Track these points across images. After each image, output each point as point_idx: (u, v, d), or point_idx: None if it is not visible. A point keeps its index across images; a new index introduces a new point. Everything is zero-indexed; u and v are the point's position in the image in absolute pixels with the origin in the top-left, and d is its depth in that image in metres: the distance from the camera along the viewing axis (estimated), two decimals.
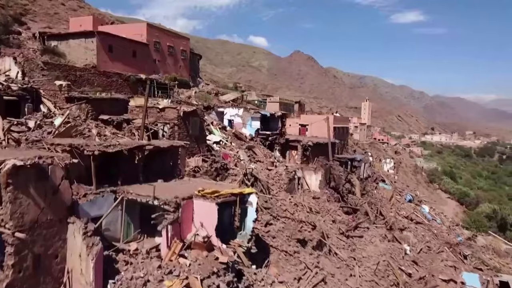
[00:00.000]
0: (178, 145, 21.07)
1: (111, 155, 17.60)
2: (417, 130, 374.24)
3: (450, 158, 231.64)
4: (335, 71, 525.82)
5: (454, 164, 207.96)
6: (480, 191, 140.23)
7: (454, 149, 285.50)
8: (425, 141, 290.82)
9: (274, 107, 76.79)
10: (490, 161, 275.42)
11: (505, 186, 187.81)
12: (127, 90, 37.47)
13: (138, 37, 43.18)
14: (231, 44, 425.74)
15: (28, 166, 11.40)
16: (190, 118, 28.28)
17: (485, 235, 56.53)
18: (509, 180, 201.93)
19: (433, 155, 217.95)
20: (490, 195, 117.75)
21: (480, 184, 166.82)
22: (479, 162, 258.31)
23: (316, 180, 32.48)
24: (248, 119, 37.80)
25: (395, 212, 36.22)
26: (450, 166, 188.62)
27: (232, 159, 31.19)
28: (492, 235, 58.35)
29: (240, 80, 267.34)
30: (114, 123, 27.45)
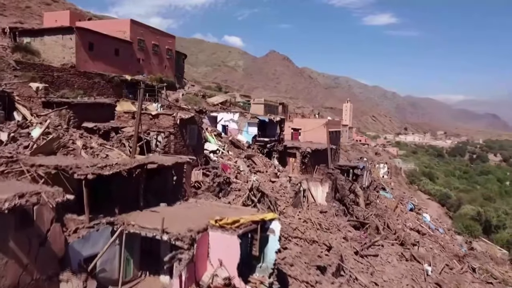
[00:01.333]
0: (183, 161, 17.86)
1: (106, 176, 14.28)
2: (391, 130, 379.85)
3: (424, 158, 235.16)
4: (310, 71, 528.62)
5: (429, 164, 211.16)
6: (458, 191, 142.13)
7: (428, 149, 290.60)
8: (399, 141, 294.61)
9: (259, 109, 74.01)
10: (461, 160, 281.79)
11: (477, 185, 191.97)
12: (110, 92, 33.79)
13: (121, 34, 39.41)
14: (206, 43, 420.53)
15: (6, 212, 8.10)
16: (187, 126, 25.03)
17: (477, 240, 55.53)
18: (480, 179, 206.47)
19: (409, 155, 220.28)
20: (470, 196, 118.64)
21: (455, 184, 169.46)
22: (451, 162, 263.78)
23: (322, 193, 29.79)
24: (245, 125, 34.79)
25: (402, 224, 34.03)
26: (426, 166, 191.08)
27: (231, 170, 28.13)
28: (484, 240, 57.54)
29: (216, 80, 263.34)
30: (101, 132, 23.89)
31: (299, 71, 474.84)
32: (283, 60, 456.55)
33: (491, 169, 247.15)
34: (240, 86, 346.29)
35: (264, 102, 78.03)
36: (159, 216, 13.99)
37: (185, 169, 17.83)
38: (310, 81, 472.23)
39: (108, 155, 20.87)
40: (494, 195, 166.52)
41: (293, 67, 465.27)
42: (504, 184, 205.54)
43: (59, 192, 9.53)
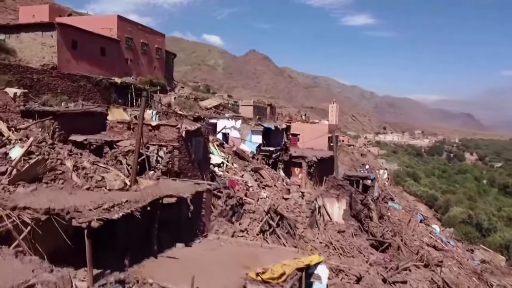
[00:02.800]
0: (203, 189, 14.54)
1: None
2: (370, 129, 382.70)
3: (404, 158, 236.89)
4: (290, 71, 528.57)
5: (409, 164, 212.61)
6: (441, 191, 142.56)
7: (407, 149, 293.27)
8: (379, 140, 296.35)
9: (248, 111, 70.86)
10: (439, 159, 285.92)
11: (456, 184, 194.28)
12: (97, 97, 29.95)
13: (107, 31, 35.51)
14: (185, 42, 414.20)
15: None
16: (192, 138, 21.61)
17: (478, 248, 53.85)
18: (459, 178, 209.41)
19: (389, 155, 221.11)
20: (457, 197, 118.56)
21: (438, 184, 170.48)
22: (430, 161, 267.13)
23: (339, 209, 26.90)
24: (248, 133, 31.56)
25: (419, 240, 31.53)
26: (406, 166, 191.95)
27: (240, 186, 24.88)
28: (484, 248, 56.00)
29: (196, 79, 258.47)
30: (92, 147, 20.23)
31: (279, 70, 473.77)
32: (263, 60, 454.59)
33: (468, 168, 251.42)
34: (220, 85, 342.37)
35: (253, 104, 74.93)
36: (179, 264, 10.79)
37: (204, 197, 14.54)
38: (290, 81, 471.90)
39: (104, 177, 17.32)
40: (475, 195, 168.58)
41: (273, 66, 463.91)
42: (482, 182, 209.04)
43: (65, 281, 6.13)
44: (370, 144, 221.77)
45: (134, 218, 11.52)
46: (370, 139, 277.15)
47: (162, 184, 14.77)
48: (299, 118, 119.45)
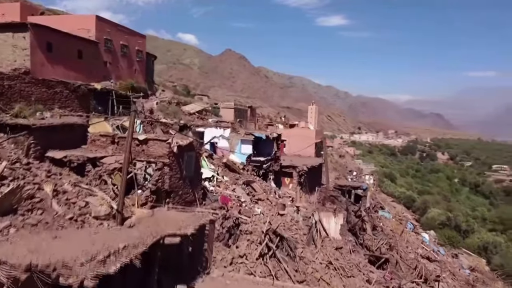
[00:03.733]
0: (205, 221, 12.83)
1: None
2: (345, 129, 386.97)
3: (380, 158, 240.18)
4: (266, 70, 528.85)
5: (384, 164, 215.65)
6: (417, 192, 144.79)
7: (381, 148, 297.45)
8: (355, 140, 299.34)
9: (228, 113, 69.14)
10: (412, 159, 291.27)
11: (429, 183, 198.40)
12: (75, 105, 27.63)
13: (85, 32, 33.04)
14: (160, 40, 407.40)
15: None
16: (184, 153, 19.78)
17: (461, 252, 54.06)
18: (432, 178, 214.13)
19: (365, 155, 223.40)
20: (434, 198, 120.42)
21: (414, 184, 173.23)
22: (403, 161, 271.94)
23: (336, 225, 25.62)
24: (237, 143, 29.87)
25: (414, 252, 30.69)
26: (382, 166, 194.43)
27: (233, 202, 23.22)
28: (466, 252, 56.30)
29: (172, 78, 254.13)
30: (74, 165, 18.12)
31: (255, 70, 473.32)
32: (239, 59, 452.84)
33: (440, 167, 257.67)
34: (196, 85, 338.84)
35: (234, 107, 73.29)
36: None
37: (207, 229, 12.84)
38: (266, 81, 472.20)
39: (89, 202, 15.33)
40: (449, 194, 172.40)
41: (249, 66, 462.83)
42: (454, 182, 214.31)
43: None
44: (346, 144, 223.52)
45: (132, 264, 9.75)
46: (346, 139, 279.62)
47: (158, 214, 12.96)
48: (279, 120, 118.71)
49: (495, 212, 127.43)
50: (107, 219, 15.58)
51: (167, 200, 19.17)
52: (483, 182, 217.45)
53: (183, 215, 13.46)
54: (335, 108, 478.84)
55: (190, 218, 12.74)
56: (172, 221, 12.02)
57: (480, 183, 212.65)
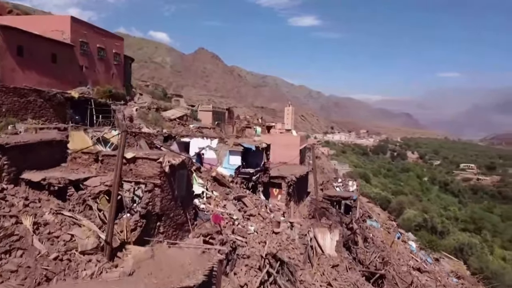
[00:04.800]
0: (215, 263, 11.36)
1: None
2: (319, 129, 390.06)
3: (353, 157, 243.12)
4: (239, 70, 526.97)
5: (357, 163, 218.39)
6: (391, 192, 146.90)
7: (354, 148, 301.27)
8: (328, 140, 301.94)
9: (207, 116, 67.57)
10: (383, 158, 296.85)
11: (400, 182, 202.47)
12: (50, 114, 25.46)
13: (59, 35, 30.70)
14: (131, 38, 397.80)
15: None
16: (175, 172, 18.18)
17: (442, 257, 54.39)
18: (403, 177, 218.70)
19: (339, 155, 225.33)
20: (408, 199, 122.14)
21: (387, 184, 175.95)
22: (375, 160, 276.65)
23: (331, 241, 24.56)
24: (225, 154, 28.35)
25: (406, 265, 30.11)
26: (355, 166, 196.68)
27: (225, 221, 21.78)
28: (447, 255, 56.78)
29: (143, 77, 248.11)
30: (54, 188, 16.20)
31: (229, 69, 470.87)
32: (212, 58, 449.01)
33: (410, 166, 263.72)
34: (169, 84, 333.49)
35: (212, 110, 71.71)
36: None
37: (215, 271, 11.37)
38: (239, 80, 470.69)
39: (74, 235, 13.57)
40: (420, 194, 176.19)
41: (222, 65, 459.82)
42: (424, 180, 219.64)
43: None
44: (320, 144, 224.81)
45: None
46: (319, 139, 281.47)
47: (159, 255, 11.38)
48: (256, 122, 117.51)
49: (466, 211, 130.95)
50: (95, 253, 13.90)
51: (157, 224, 17.64)
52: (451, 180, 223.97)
53: (187, 254, 11.93)
54: (308, 108, 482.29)
55: (196, 259, 11.24)
56: (176, 264, 10.51)
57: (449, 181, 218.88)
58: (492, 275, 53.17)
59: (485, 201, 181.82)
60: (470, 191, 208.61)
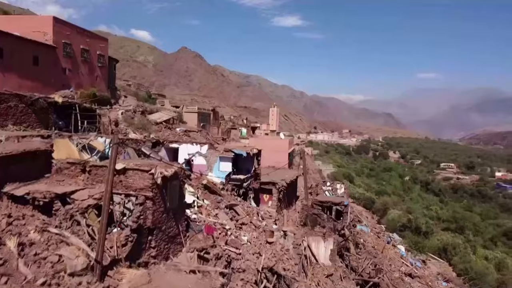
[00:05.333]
0: None
1: None
2: (302, 129, 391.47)
3: (336, 157, 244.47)
4: (222, 69, 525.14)
5: (341, 163, 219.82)
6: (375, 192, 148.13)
7: (337, 148, 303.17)
8: (312, 140, 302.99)
9: (192, 118, 66.68)
10: (366, 158, 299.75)
11: (383, 181, 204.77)
12: (32, 120, 24.28)
13: (40, 36, 29.44)
14: (112, 36, 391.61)
15: None
16: (167, 183, 17.38)
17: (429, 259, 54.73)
18: (385, 176, 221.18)
19: (322, 155, 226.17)
20: (392, 200, 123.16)
21: (371, 184, 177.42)
22: (358, 160, 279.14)
23: (325, 249, 24.12)
24: (216, 160, 27.61)
25: (398, 271, 29.92)
26: (338, 165, 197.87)
27: (218, 232, 21.07)
28: (433, 257, 57.19)
29: (125, 76, 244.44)
30: (39, 204, 15.21)
31: (212, 69, 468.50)
32: (195, 57, 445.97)
33: (392, 165, 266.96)
34: (151, 83, 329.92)
35: (198, 111, 70.87)
36: None
37: None
38: (222, 79, 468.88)
39: (62, 256, 12.69)
40: (402, 193, 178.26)
41: (205, 64, 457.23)
42: (405, 180, 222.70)
43: None
44: (304, 144, 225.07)
45: None
46: (303, 138, 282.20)
47: (156, 280, 10.64)
48: (241, 123, 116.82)
49: (447, 210, 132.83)
50: (85, 274, 13.06)
51: (149, 238, 16.86)
52: (432, 180, 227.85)
53: (186, 279, 11.22)
54: (291, 108, 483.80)
55: (196, 284, 10.53)
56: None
57: (430, 181, 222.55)
58: (476, 275, 53.72)
59: (465, 200, 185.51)
60: (451, 190, 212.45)
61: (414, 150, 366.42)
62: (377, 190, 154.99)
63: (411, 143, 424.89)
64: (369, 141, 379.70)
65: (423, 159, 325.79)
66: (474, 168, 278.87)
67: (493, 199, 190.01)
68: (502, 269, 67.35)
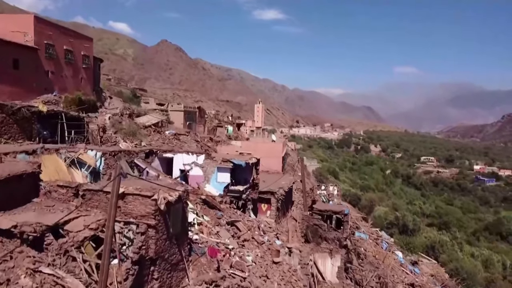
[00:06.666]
0: None
1: None
2: (284, 123, 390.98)
3: (319, 152, 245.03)
4: (203, 62, 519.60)
5: (324, 158, 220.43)
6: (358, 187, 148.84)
7: (319, 142, 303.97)
8: (294, 134, 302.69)
9: (178, 117, 64.72)
10: (348, 151, 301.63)
11: (365, 175, 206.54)
12: (14, 131, 22.14)
13: (20, 37, 27.08)
14: (90, 28, 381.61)
15: None
16: (170, 208, 15.74)
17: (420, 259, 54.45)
18: (367, 170, 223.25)
19: (305, 149, 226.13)
20: (377, 196, 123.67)
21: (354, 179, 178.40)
22: (340, 154, 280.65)
23: (333, 267, 22.95)
24: (213, 171, 25.98)
25: (401, 282, 29.04)
26: (321, 160, 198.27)
27: (222, 253, 19.58)
28: (424, 257, 57.04)
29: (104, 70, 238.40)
30: (27, 238, 13.37)
31: (193, 62, 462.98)
32: (175, 50, 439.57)
33: (373, 159, 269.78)
34: (131, 77, 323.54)
35: (184, 109, 68.83)
36: None
37: None
38: (204, 73, 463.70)
39: None
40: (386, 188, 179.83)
41: (186, 57, 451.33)
42: (387, 173, 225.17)
43: None
44: (287, 139, 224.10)
45: None
46: (285, 133, 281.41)
47: None
48: (226, 119, 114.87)
49: (430, 205, 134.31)
50: None
51: (151, 269, 15.28)
52: (413, 173, 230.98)
53: None
54: (273, 102, 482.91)
55: None
56: None
57: (411, 174, 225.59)
58: (467, 275, 53.90)
59: (445, 193, 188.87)
60: (431, 184, 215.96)
61: (394, 144, 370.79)
62: (361, 185, 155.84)
63: (391, 137, 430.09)
64: (350, 135, 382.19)
65: (404, 152, 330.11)
66: (453, 161, 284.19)
67: (472, 192, 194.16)
68: (489, 266, 68.22)
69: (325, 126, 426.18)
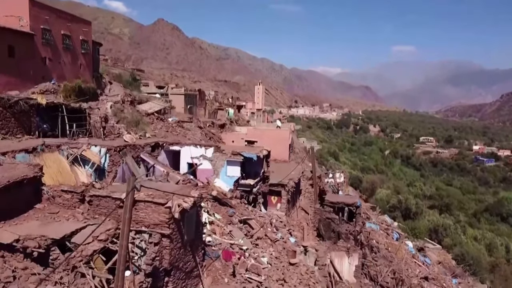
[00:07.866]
0: None
1: None
2: (283, 103, 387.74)
3: (318, 132, 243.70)
4: (200, 42, 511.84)
5: (323, 138, 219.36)
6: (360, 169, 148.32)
7: (318, 122, 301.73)
8: (293, 114, 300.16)
9: (179, 100, 63.03)
10: (347, 132, 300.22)
11: (364, 155, 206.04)
12: (12, 125, 20.74)
13: (15, 22, 25.28)
14: (84, 7, 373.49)
15: None
16: (185, 215, 14.51)
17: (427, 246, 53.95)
18: (366, 150, 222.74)
19: (304, 130, 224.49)
20: (379, 178, 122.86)
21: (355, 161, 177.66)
22: (339, 134, 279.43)
23: (350, 266, 21.98)
24: (223, 164, 24.72)
25: (415, 276, 28.25)
26: (321, 141, 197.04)
27: (236, 256, 18.53)
28: (430, 242, 56.58)
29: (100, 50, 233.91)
30: (31, 253, 12.14)
31: (190, 41, 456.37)
32: (172, 30, 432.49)
33: (373, 140, 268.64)
34: (128, 57, 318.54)
35: (184, 93, 67.02)
36: None
37: None
38: (201, 52, 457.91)
39: None
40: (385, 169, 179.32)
41: (183, 37, 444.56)
42: (386, 154, 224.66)
43: None
44: (285, 119, 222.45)
45: None
46: (284, 113, 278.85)
47: None
48: (227, 102, 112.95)
49: (430, 186, 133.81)
50: None
51: (165, 280, 14.24)
52: (412, 154, 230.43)
53: None
54: (271, 81, 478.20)
55: None
56: None
57: (410, 155, 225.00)
58: (473, 261, 53.44)
59: (445, 174, 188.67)
60: (430, 164, 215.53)
61: (393, 124, 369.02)
62: (361, 167, 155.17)
63: (389, 116, 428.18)
64: (349, 115, 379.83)
65: (402, 132, 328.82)
66: (452, 141, 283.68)
67: (472, 172, 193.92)
68: (493, 250, 67.97)
69: (324, 106, 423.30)
